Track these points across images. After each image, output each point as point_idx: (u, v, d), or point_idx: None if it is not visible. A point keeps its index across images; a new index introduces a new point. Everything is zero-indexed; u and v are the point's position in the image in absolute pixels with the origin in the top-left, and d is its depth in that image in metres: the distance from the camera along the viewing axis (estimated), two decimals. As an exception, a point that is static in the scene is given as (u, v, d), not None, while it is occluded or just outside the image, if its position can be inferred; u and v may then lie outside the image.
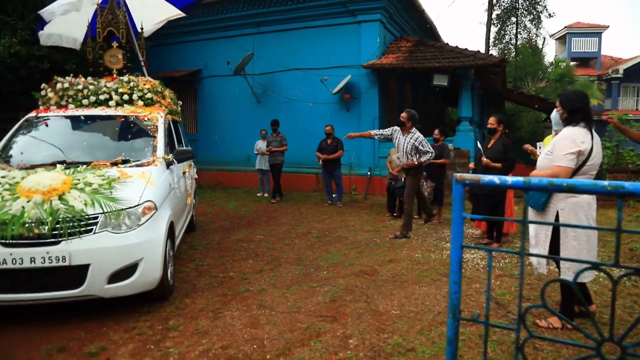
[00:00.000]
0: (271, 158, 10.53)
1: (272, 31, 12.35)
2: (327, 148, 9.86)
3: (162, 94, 5.89)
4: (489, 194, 6.00)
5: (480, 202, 6.17)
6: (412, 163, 6.79)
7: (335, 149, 9.81)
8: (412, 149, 6.76)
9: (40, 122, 5.25)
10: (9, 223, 3.66)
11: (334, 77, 11.39)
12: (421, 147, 6.75)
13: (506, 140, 6.21)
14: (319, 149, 9.98)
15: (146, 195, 4.17)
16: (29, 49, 10.66)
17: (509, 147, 6.15)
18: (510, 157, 6.10)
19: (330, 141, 9.89)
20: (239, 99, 12.89)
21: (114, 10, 6.33)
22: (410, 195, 6.95)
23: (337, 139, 9.87)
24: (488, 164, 6.00)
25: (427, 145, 6.80)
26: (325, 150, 9.87)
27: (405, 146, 6.80)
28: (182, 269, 5.42)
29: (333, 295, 4.54)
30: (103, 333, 3.78)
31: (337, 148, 9.82)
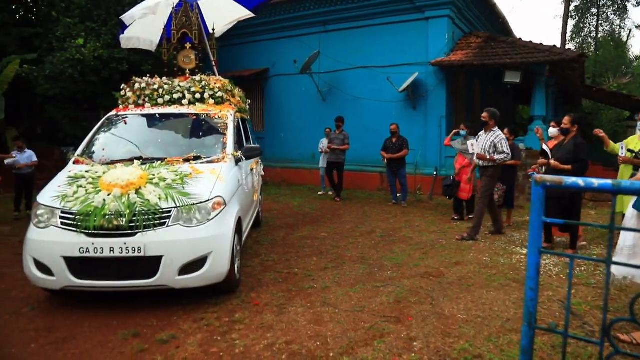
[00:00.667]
0: (332, 156, 10.29)
1: (338, 29, 12.36)
2: (392, 147, 9.67)
3: (232, 93, 6.06)
4: (559, 196, 5.61)
5: (549, 205, 5.82)
6: (484, 156, 6.61)
7: (400, 148, 9.61)
8: (490, 146, 6.59)
9: (119, 120, 5.56)
10: (91, 214, 3.91)
11: (400, 75, 11.23)
12: (499, 147, 6.55)
13: (579, 140, 5.78)
14: (384, 147, 9.83)
15: (216, 191, 4.31)
16: (111, 52, 11.38)
17: (582, 147, 5.72)
18: (582, 158, 5.67)
19: (395, 140, 9.70)
20: (304, 97, 13.02)
21: (188, 13, 6.58)
22: (485, 197, 6.72)
23: (402, 137, 9.70)
24: (557, 166, 5.63)
25: (505, 146, 6.58)
26: (390, 149, 9.68)
27: (485, 144, 6.65)
28: (248, 263, 5.55)
29: (397, 296, 4.48)
30: (173, 322, 3.95)
31: (402, 147, 9.61)
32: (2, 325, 3.97)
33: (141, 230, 3.92)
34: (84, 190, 4.16)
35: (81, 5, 12.01)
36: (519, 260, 5.68)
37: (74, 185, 4.26)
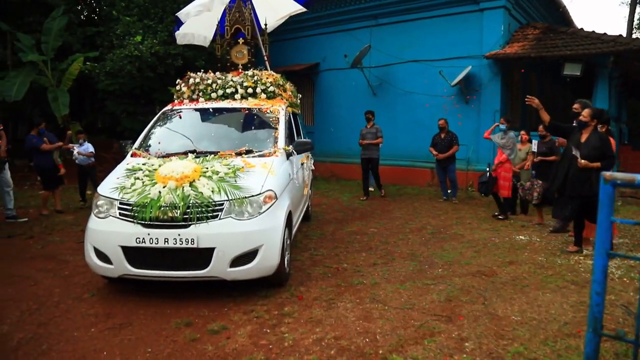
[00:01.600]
0: (366, 152, 9.81)
1: (390, 23, 12.19)
2: (440, 143, 9.36)
3: (283, 87, 6.10)
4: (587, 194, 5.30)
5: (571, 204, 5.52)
6: None
7: (449, 143, 9.28)
8: None
9: (174, 114, 5.71)
10: (147, 206, 4.04)
11: (452, 68, 10.95)
12: None
13: (602, 135, 5.50)
14: (432, 143, 9.54)
15: (267, 185, 4.35)
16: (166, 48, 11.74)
17: (607, 142, 5.43)
18: (610, 154, 5.37)
19: (443, 136, 9.37)
20: (355, 91, 12.93)
21: (241, 9, 6.67)
22: None
23: (451, 133, 9.35)
24: (587, 165, 5.29)
25: None
26: (438, 145, 9.37)
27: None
28: (298, 257, 5.58)
29: (448, 295, 4.38)
30: (224, 313, 4.02)
31: (452, 143, 9.27)
32: (66, 310, 4.18)
33: (194, 222, 4.01)
34: (141, 182, 4.30)
35: (139, 4, 12.44)
36: (577, 261, 5.42)
37: (132, 177, 4.42)
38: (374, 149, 9.80)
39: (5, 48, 12.06)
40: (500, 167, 7.71)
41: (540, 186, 7.13)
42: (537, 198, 7.17)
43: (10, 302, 4.36)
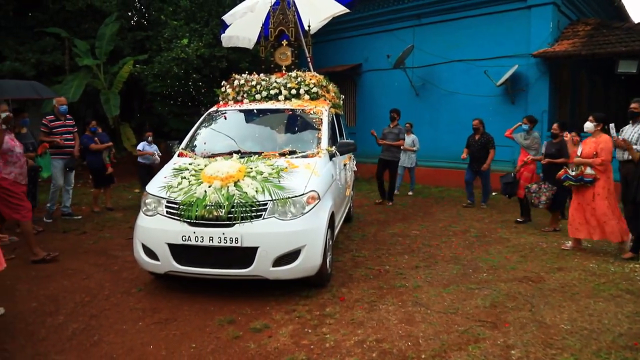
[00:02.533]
0: (386, 153, 9.12)
1: (433, 22, 12.03)
2: (474, 145, 8.78)
3: (326, 88, 6.11)
4: None
5: None
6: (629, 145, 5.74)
7: (483, 146, 8.65)
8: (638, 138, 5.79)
9: (219, 115, 5.82)
10: (193, 205, 4.13)
11: (498, 68, 10.70)
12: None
13: None
14: (467, 145, 8.98)
15: (311, 185, 4.37)
16: (211, 50, 12.01)
17: None
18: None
19: (478, 137, 8.77)
20: (397, 92, 12.83)
21: (285, 11, 6.73)
22: None
23: (486, 134, 8.72)
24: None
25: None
26: (472, 147, 8.79)
27: (632, 135, 5.84)
28: (339, 258, 5.58)
29: (493, 300, 4.27)
30: (266, 312, 4.06)
31: (486, 145, 8.63)
32: (115, 303, 4.34)
33: (239, 222, 4.07)
34: (187, 181, 4.41)
35: (186, 8, 12.78)
36: (633, 269, 5.17)
37: (178, 177, 4.53)
38: (395, 151, 9.17)
39: (63, 54, 12.67)
40: (524, 168, 7.50)
41: (550, 190, 6.76)
42: (545, 203, 6.81)
43: (66, 294, 4.57)
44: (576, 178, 5.78)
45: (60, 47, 12.76)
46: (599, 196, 5.66)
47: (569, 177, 5.88)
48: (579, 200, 5.86)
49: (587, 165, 5.72)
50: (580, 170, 5.77)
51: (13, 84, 7.34)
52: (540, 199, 6.80)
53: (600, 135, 5.77)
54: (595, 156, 5.67)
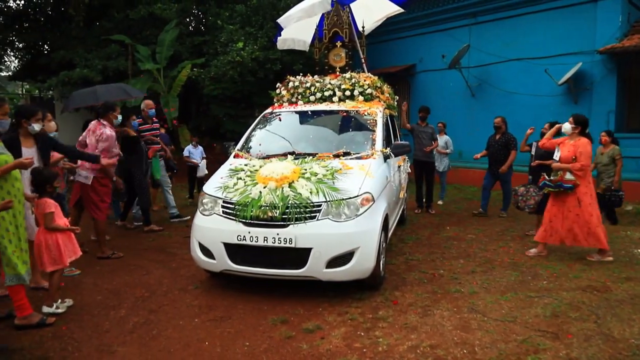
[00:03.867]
0: (419, 153, 8.66)
1: (490, 20, 11.68)
2: (495, 145, 8.05)
3: (381, 90, 6.07)
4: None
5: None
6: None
7: (504, 146, 7.94)
8: None
9: (274, 117, 5.90)
10: (248, 205, 4.20)
11: (559, 66, 10.22)
12: None
13: None
14: (487, 146, 8.29)
15: (365, 187, 4.34)
16: (266, 53, 12.22)
17: None
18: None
19: (498, 137, 8.06)
20: (452, 93, 12.56)
21: (339, 12, 6.73)
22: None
23: (508, 134, 8.01)
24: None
25: None
26: (492, 147, 8.10)
27: None
28: (392, 261, 5.51)
29: (554, 309, 4.07)
30: (319, 313, 4.06)
31: (507, 146, 7.92)
32: (173, 299, 4.48)
33: (293, 222, 4.10)
34: (243, 182, 4.48)
35: (242, 12, 13.08)
36: None
37: (234, 177, 4.62)
38: (430, 152, 8.71)
39: (127, 59, 13.30)
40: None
41: (538, 194, 6.33)
42: (532, 207, 6.40)
43: (127, 289, 4.77)
44: (555, 184, 5.48)
45: (124, 53, 13.40)
46: (583, 202, 5.39)
47: (547, 184, 5.59)
48: (558, 206, 5.57)
49: (566, 171, 5.43)
50: (559, 175, 5.48)
51: (104, 89, 7.55)
52: (527, 203, 6.44)
53: (579, 139, 5.48)
54: (574, 160, 5.37)
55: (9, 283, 3.75)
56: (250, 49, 12.08)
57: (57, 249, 4.07)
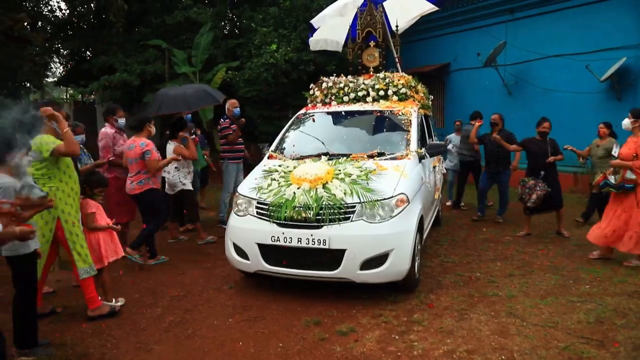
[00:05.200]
0: (467, 153, 8.60)
1: (528, 16, 11.34)
2: (493, 143, 7.51)
3: (415, 89, 5.98)
4: None
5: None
6: None
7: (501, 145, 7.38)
8: None
9: (308, 118, 5.90)
10: (282, 206, 4.21)
11: (601, 61, 9.82)
12: None
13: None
14: (481, 143, 7.84)
15: (400, 188, 4.28)
16: (299, 55, 12.26)
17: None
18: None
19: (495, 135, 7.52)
20: (488, 91, 12.27)
21: (372, 12, 6.68)
22: None
23: (505, 131, 7.56)
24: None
25: None
26: (489, 146, 7.61)
27: None
28: (427, 263, 5.42)
29: (599, 316, 3.92)
30: (352, 315, 4.04)
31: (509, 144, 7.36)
32: (207, 299, 4.54)
33: (327, 224, 4.09)
34: (277, 183, 4.50)
35: (275, 15, 13.17)
36: None
37: (268, 178, 4.64)
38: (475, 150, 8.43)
39: (163, 63, 13.62)
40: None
41: (542, 190, 6.17)
42: (534, 202, 6.23)
43: (163, 288, 4.86)
44: (618, 185, 5.20)
45: (161, 57, 13.71)
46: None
47: (608, 184, 5.31)
48: (617, 207, 5.29)
49: (626, 169, 5.13)
50: (620, 175, 5.19)
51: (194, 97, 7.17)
52: (532, 197, 6.30)
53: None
54: (635, 158, 5.09)
55: (85, 276, 3.99)
56: (283, 51, 12.14)
57: (99, 249, 4.21)
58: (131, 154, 5.45)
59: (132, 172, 5.47)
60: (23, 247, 3.31)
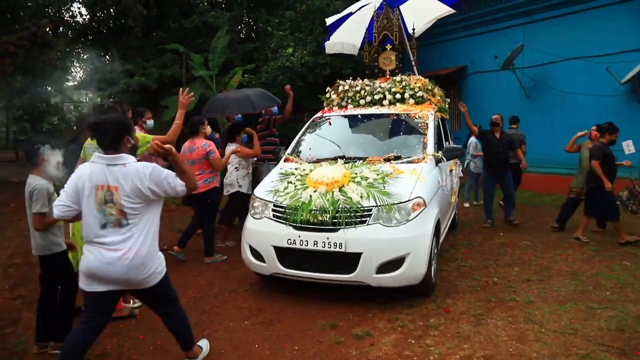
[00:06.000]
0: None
1: (546, 18, 11.22)
2: (497, 145, 7.34)
3: (432, 92, 5.96)
4: None
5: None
6: None
7: (508, 146, 7.32)
8: None
9: (324, 121, 5.91)
10: (299, 209, 4.22)
11: (622, 64, 9.66)
12: None
13: None
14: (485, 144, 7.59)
15: (416, 192, 4.27)
16: (315, 58, 12.30)
17: None
18: None
19: (499, 136, 7.41)
20: (505, 94, 12.16)
21: (389, 15, 6.68)
22: None
23: (506, 133, 7.53)
24: None
25: None
26: (493, 148, 7.37)
27: None
28: (444, 267, 5.38)
29: (620, 323, 3.85)
30: (368, 319, 4.02)
31: (511, 146, 7.37)
32: (223, 301, 4.57)
33: (343, 227, 4.09)
34: (293, 186, 4.52)
35: (291, 19, 13.23)
36: None
37: (285, 181, 4.66)
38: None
39: (181, 67, 13.77)
40: None
41: None
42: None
43: (180, 289, 4.83)
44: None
45: (178, 61, 13.87)
46: None
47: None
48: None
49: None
50: None
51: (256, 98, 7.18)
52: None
53: None
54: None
55: None
56: (299, 54, 12.19)
57: None
58: (193, 155, 5.68)
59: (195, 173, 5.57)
60: (56, 246, 3.45)
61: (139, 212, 2.82)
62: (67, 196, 2.81)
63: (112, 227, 2.78)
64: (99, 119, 2.94)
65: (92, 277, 2.81)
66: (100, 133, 2.86)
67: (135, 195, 2.78)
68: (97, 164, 2.82)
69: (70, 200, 2.80)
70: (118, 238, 2.78)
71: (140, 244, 2.81)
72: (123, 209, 2.77)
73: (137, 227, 2.83)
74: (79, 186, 2.79)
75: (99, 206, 2.77)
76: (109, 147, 2.83)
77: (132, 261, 2.77)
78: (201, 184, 5.57)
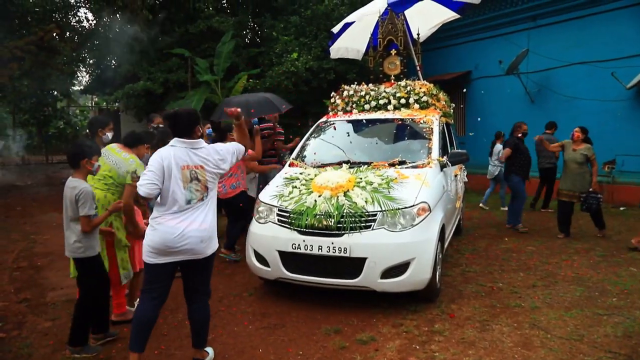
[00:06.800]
0: (544, 160, 9.19)
1: (551, 23, 11.21)
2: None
3: (437, 97, 5.96)
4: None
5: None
6: None
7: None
8: None
9: (329, 126, 5.92)
10: (303, 214, 4.22)
11: (628, 68, 9.63)
12: None
13: None
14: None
15: (421, 197, 4.26)
16: (320, 63, 12.32)
17: None
18: None
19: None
20: (510, 99, 12.15)
21: (394, 20, 6.69)
22: None
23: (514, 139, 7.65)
24: None
25: None
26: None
27: None
28: (449, 272, 5.37)
29: (627, 329, 3.82)
30: (373, 324, 4.02)
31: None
32: (228, 305, 4.56)
33: (348, 232, 4.08)
34: (298, 190, 4.52)
35: (296, 24, 13.27)
36: None
37: (289, 186, 4.66)
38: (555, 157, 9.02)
39: (186, 72, 13.84)
40: None
41: None
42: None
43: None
44: None
45: (183, 65, 13.94)
46: None
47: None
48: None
49: None
50: None
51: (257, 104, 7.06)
52: None
53: None
54: None
55: (125, 281, 4.12)
56: (304, 59, 12.22)
57: (132, 254, 4.26)
58: None
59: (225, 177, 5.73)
60: (90, 250, 3.53)
61: (213, 188, 3.24)
62: (153, 175, 3.03)
63: (195, 202, 3.12)
64: (176, 110, 3.26)
65: (161, 250, 3.07)
66: (178, 122, 3.17)
67: (215, 172, 3.21)
68: (177, 147, 3.14)
69: (156, 179, 3.03)
70: (199, 211, 3.13)
71: (212, 216, 3.22)
72: (207, 185, 3.16)
73: (212, 201, 3.23)
74: (165, 166, 3.06)
75: (185, 184, 3.09)
76: (185, 134, 3.16)
77: (207, 232, 3.14)
78: (229, 189, 5.72)
